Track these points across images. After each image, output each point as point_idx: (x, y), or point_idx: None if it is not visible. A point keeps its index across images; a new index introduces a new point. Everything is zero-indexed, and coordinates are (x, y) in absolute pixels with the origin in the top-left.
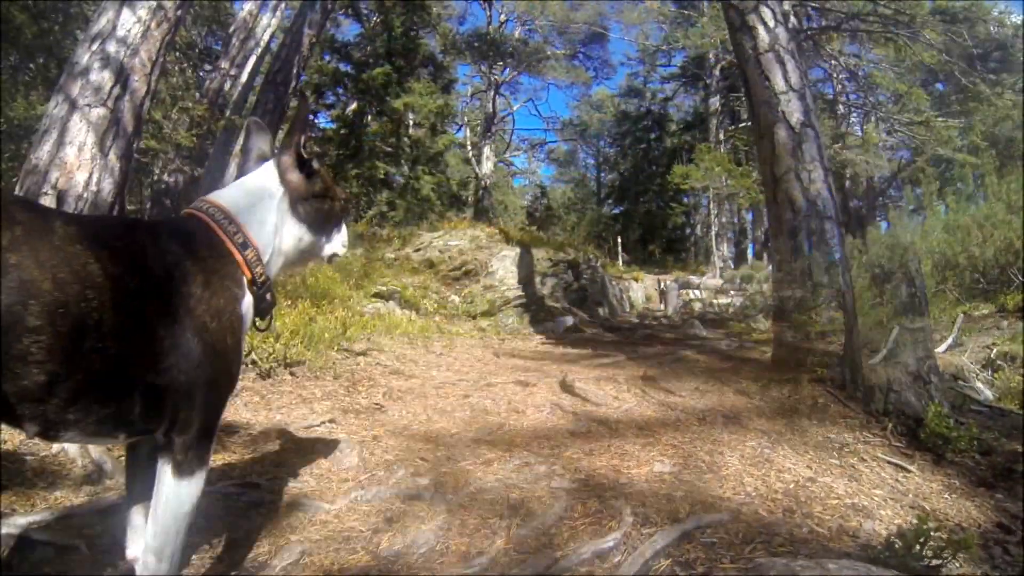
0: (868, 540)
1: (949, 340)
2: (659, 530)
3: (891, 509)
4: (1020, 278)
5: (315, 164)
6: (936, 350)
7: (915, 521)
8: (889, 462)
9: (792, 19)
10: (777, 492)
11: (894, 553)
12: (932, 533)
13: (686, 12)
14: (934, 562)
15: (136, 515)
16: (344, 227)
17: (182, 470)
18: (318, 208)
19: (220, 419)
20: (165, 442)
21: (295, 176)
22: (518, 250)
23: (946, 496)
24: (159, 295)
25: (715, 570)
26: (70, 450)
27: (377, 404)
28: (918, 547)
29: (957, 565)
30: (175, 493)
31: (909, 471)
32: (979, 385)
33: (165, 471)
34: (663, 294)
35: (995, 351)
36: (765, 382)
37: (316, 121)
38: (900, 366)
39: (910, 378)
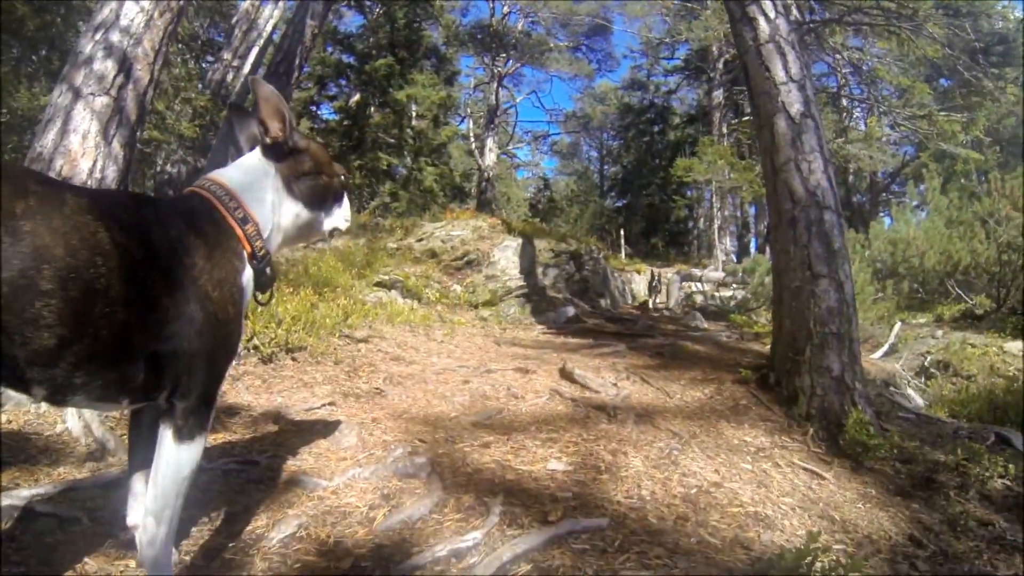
0: (763, 553)
1: (885, 347)
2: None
3: (797, 519)
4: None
5: (300, 143)
6: (873, 356)
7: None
8: (805, 468)
9: (794, 11)
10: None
11: (779, 570)
12: (833, 547)
13: (690, 5)
14: None
15: (137, 482)
16: (345, 202)
17: (182, 435)
18: (312, 185)
19: (220, 386)
20: (167, 408)
21: (277, 159)
22: (520, 241)
23: (860, 505)
24: (164, 265)
25: None
26: (74, 429)
27: (377, 389)
28: (804, 567)
29: None
30: (175, 458)
31: (824, 478)
32: (910, 392)
33: (166, 436)
34: (657, 287)
35: (929, 359)
36: (763, 372)
37: (319, 112)
38: (824, 370)
39: (834, 383)
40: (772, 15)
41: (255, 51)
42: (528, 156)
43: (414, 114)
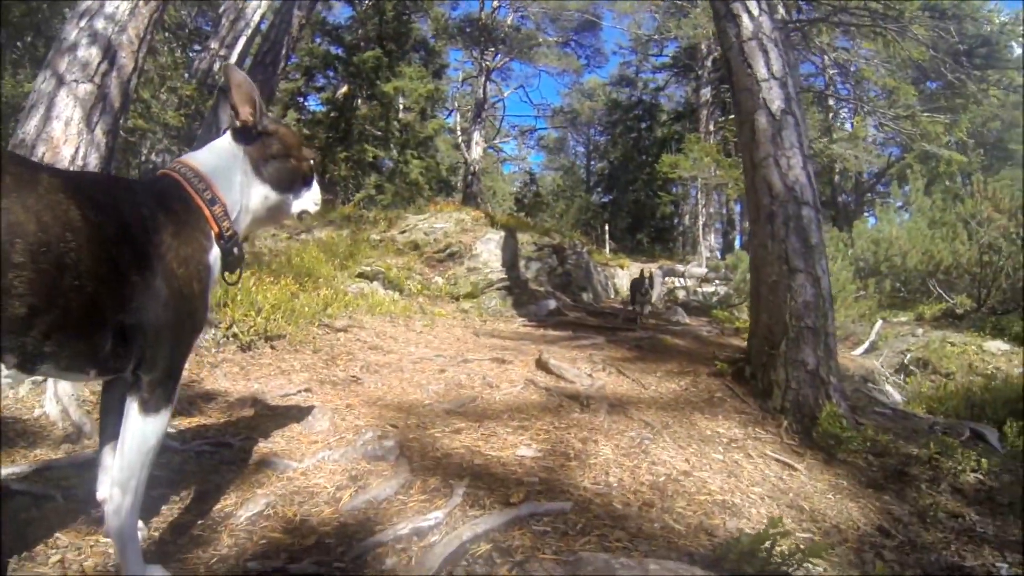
0: (727, 539)
1: (866, 344)
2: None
3: (765, 507)
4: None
5: (269, 127)
6: (853, 353)
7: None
8: (777, 459)
9: (780, 10)
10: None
11: (736, 555)
12: (798, 534)
13: (679, 2)
14: (783, 567)
15: (107, 456)
16: (315, 185)
17: (148, 407)
18: (280, 168)
19: (185, 361)
20: (133, 380)
21: (246, 142)
22: (503, 234)
23: (830, 496)
24: (132, 242)
25: (532, 560)
26: (51, 413)
27: (354, 376)
28: (763, 551)
29: (819, 569)
30: (141, 429)
31: (796, 469)
32: (889, 388)
33: (132, 408)
34: (641, 291)
35: (908, 357)
36: (740, 366)
37: (306, 103)
38: (799, 364)
39: (808, 376)
40: (756, 12)
41: (242, 40)
42: (515, 150)
43: (401, 107)
